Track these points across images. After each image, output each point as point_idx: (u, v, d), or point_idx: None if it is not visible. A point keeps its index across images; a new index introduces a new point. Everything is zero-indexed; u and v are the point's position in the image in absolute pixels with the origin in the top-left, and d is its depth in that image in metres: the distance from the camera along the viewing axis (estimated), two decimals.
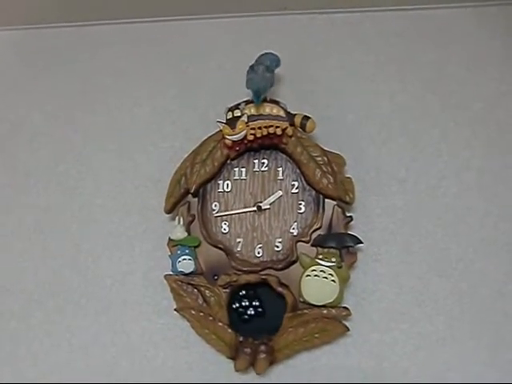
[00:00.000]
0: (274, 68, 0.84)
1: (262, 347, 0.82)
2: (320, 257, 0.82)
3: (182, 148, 0.90)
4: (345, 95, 0.94)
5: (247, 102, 0.85)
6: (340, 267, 0.81)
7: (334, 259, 0.81)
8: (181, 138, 0.95)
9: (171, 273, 0.86)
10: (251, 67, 0.82)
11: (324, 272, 0.80)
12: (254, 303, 0.85)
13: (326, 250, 0.82)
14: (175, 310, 0.86)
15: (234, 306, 0.85)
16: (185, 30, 1.01)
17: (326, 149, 0.85)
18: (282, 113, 0.84)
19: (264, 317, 0.85)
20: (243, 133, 0.83)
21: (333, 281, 0.80)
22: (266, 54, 0.84)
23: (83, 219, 0.96)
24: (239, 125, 0.82)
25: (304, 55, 0.96)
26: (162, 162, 0.94)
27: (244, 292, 0.85)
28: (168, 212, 0.89)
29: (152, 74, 1.00)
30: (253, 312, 0.85)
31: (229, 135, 0.83)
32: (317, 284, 0.81)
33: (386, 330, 0.85)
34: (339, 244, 0.82)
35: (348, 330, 0.82)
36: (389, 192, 0.89)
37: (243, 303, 0.85)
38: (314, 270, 0.81)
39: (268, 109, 0.84)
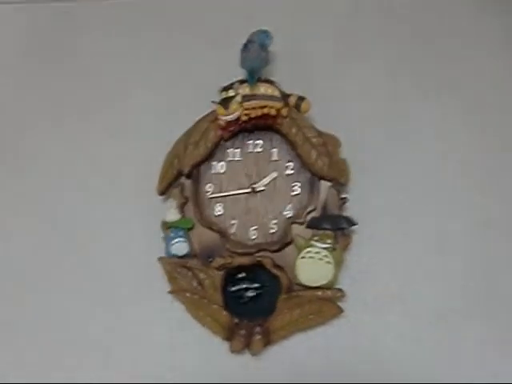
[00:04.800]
0: (269, 45, 0.82)
1: (258, 328, 0.82)
2: (315, 238, 0.81)
3: (175, 129, 0.88)
4: (341, 75, 0.93)
5: (241, 82, 0.83)
6: (334, 249, 0.80)
7: (328, 241, 0.81)
8: (174, 118, 0.93)
9: (165, 255, 0.86)
10: (245, 45, 0.81)
11: (319, 253, 0.80)
12: (252, 285, 0.85)
13: (320, 231, 0.82)
14: (169, 292, 0.86)
15: (231, 290, 0.85)
16: (178, 6, 0.98)
17: (321, 130, 0.84)
18: (276, 93, 0.82)
19: (259, 298, 0.85)
20: (237, 113, 0.81)
21: (328, 262, 0.80)
22: (258, 31, 0.82)
23: (78, 202, 0.94)
24: (233, 105, 0.81)
25: (299, 33, 0.94)
26: (155, 143, 0.93)
27: (244, 274, 0.85)
28: (161, 193, 0.88)
29: (145, 53, 0.98)
30: (251, 294, 0.84)
31: (223, 115, 0.82)
32: (311, 265, 0.80)
33: (380, 311, 0.85)
34: (334, 226, 0.82)
35: (342, 311, 0.82)
36: (384, 173, 0.89)
37: (241, 286, 0.85)
38: (308, 252, 0.81)
39: (263, 89, 0.82)
